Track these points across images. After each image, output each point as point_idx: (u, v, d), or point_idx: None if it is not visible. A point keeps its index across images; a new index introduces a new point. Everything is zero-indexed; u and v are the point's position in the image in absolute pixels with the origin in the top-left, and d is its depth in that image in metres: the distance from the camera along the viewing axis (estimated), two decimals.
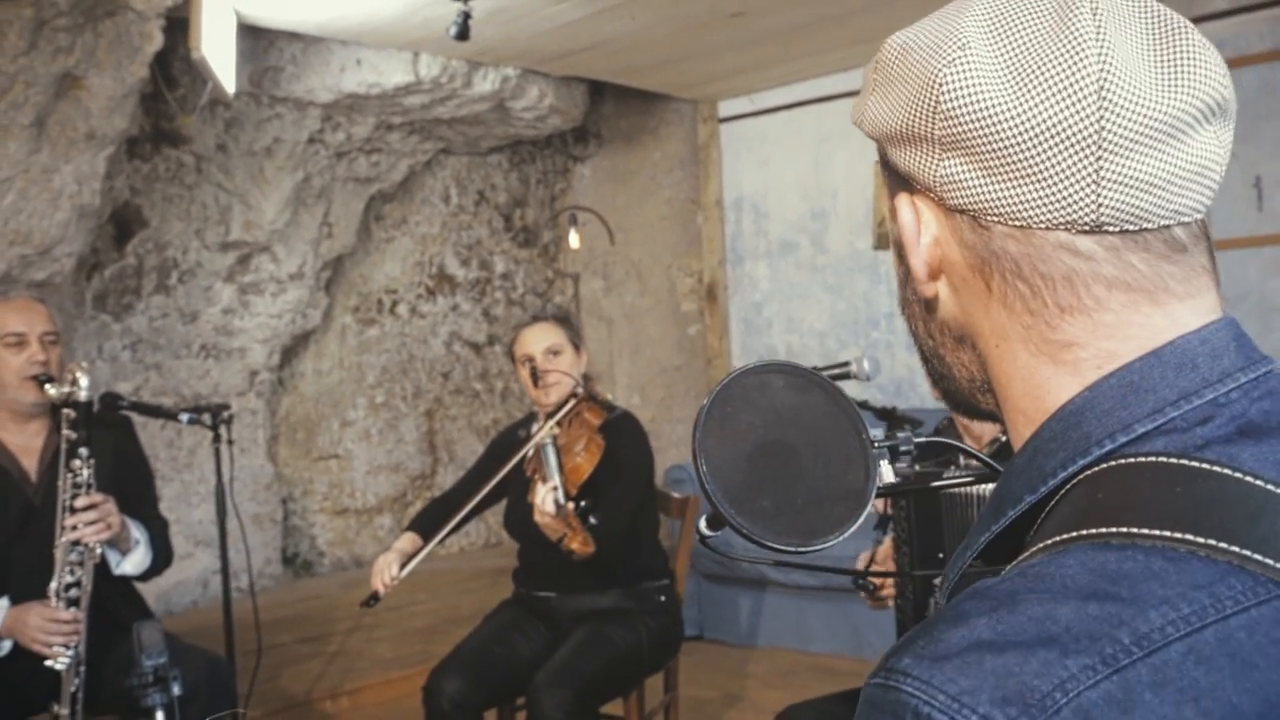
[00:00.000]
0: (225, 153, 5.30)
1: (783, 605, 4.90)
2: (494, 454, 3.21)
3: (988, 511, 0.67)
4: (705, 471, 0.93)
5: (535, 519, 2.71)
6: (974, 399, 0.74)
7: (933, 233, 0.68)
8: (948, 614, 0.57)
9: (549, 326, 3.07)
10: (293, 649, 4.68)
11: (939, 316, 0.72)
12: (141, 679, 2.10)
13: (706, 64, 5.44)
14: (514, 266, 7.12)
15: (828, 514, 0.94)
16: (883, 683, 0.56)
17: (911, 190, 0.69)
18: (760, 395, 0.97)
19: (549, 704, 2.63)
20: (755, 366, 0.98)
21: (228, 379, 5.68)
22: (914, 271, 0.70)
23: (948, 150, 0.64)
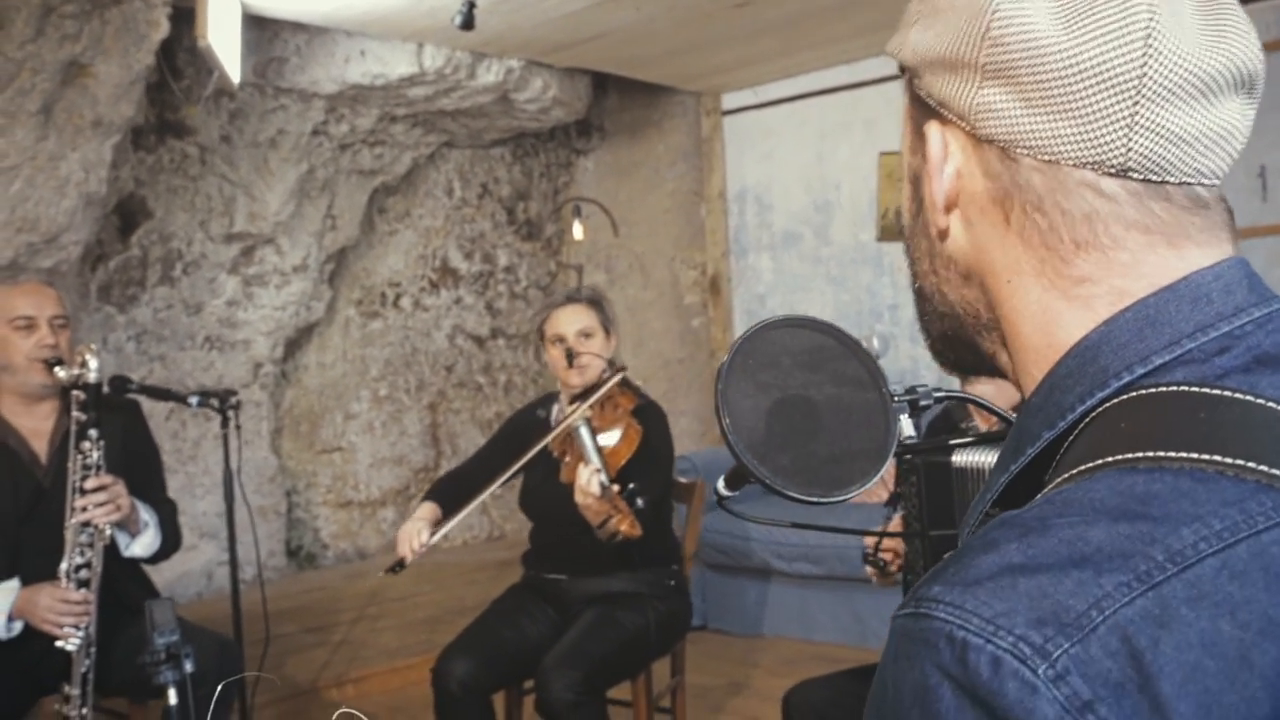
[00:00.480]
0: (229, 144, 5.31)
1: (787, 595, 4.91)
2: (511, 433, 3.19)
3: (1005, 453, 0.67)
4: (728, 424, 0.93)
5: (577, 500, 2.62)
6: (976, 339, 0.74)
7: (956, 163, 0.69)
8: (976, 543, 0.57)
9: (582, 308, 3.04)
10: (298, 638, 4.69)
11: (947, 250, 0.72)
12: (154, 656, 2.10)
13: (710, 56, 5.45)
14: (517, 260, 7.12)
15: (850, 466, 0.95)
16: (913, 612, 0.55)
17: (942, 120, 0.69)
18: (782, 349, 0.98)
19: (558, 685, 2.64)
20: (776, 320, 0.98)
21: (232, 371, 5.69)
22: (932, 199, 0.71)
23: (989, 78, 0.65)
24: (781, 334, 0.97)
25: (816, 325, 0.98)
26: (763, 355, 0.96)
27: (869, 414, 0.96)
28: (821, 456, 0.95)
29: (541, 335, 3.10)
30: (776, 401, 0.96)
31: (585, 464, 2.63)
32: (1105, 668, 0.50)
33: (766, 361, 0.96)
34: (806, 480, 0.93)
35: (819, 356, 0.98)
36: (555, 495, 2.96)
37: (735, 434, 0.93)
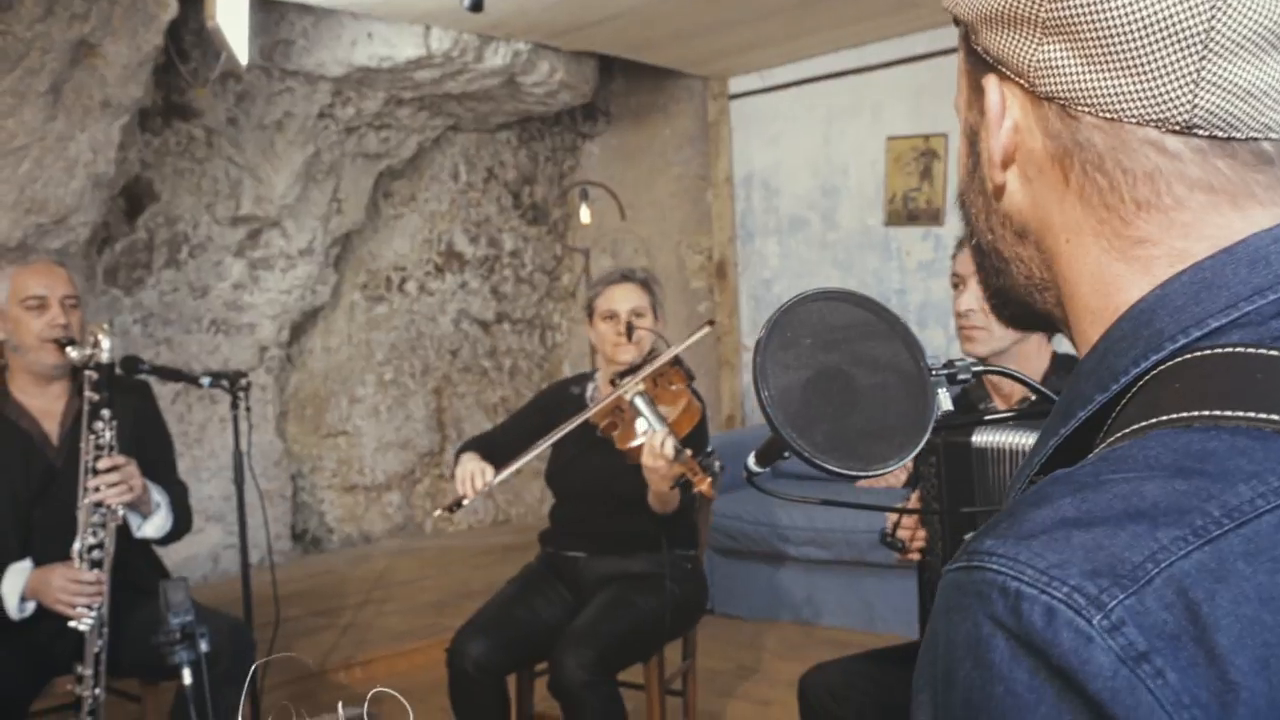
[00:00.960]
0: (236, 126, 5.29)
1: (795, 579, 4.91)
2: (544, 407, 3.15)
3: (1054, 417, 0.67)
4: (767, 397, 0.92)
5: (645, 462, 2.60)
6: (1030, 298, 0.73)
7: (1014, 119, 0.68)
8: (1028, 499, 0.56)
9: (636, 288, 3.04)
10: (305, 621, 4.69)
11: (1003, 208, 0.71)
12: (169, 636, 2.10)
13: (717, 40, 5.42)
14: (523, 244, 7.11)
15: (889, 440, 0.94)
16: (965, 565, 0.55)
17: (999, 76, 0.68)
18: (819, 322, 0.97)
19: (572, 663, 2.64)
20: (813, 293, 0.97)
21: (238, 354, 5.68)
22: (989, 155, 0.70)
23: (1050, 34, 0.63)
24: (819, 307, 0.96)
25: (854, 298, 0.97)
26: (800, 328, 0.95)
27: (907, 387, 0.96)
28: (860, 430, 0.94)
29: (591, 311, 3.09)
30: (814, 375, 0.95)
31: (654, 429, 2.62)
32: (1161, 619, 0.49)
33: (804, 334, 0.95)
34: (846, 454, 0.92)
35: (857, 329, 0.97)
36: (592, 471, 2.97)
37: (774, 407, 0.92)
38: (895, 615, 4.65)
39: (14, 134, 3.79)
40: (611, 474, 2.89)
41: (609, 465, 2.87)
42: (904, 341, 0.97)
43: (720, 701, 3.96)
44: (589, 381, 3.19)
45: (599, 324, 3.04)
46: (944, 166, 5.49)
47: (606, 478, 2.93)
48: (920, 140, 5.56)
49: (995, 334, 2.13)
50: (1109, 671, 0.49)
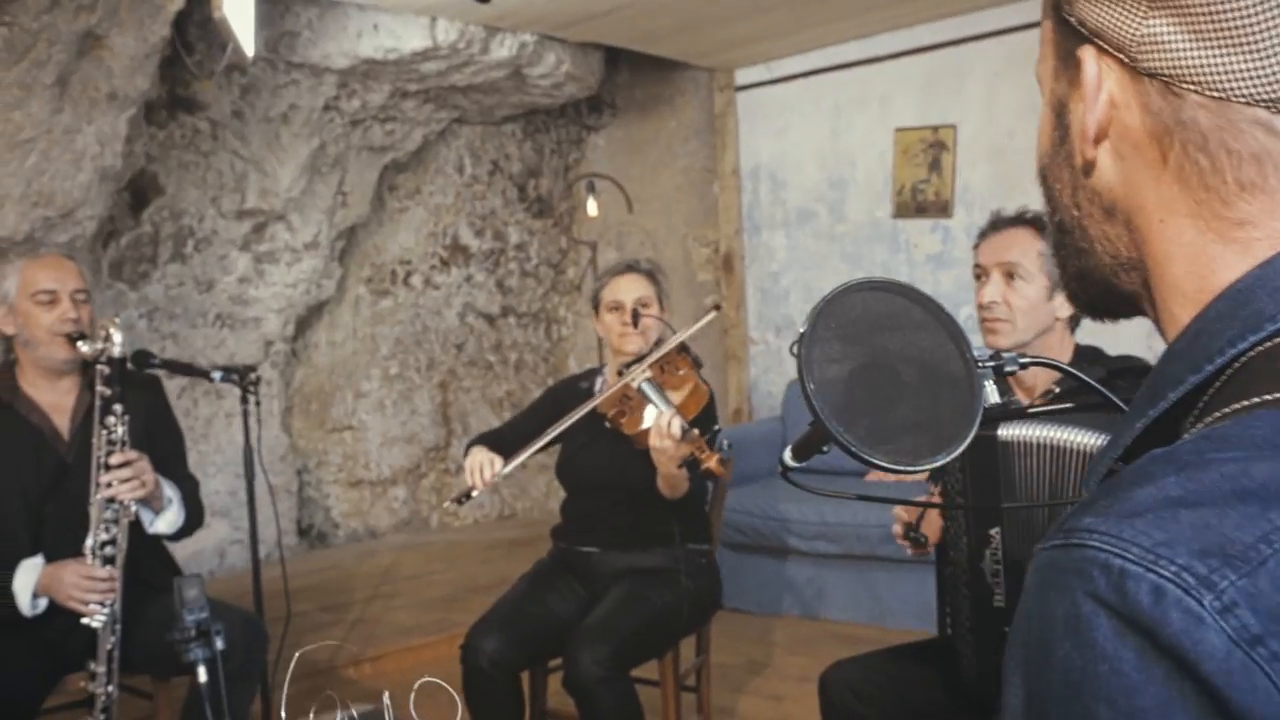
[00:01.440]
0: (241, 119, 5.26)
1: (804, 573, 4.90)
2: (554, 401, 3.14)
3: (1141, 399, 0.65)
4: (812, 389, 0.90)
5: (652, 443, 2.59)
6: (1114, 278, 0.71)
7: (1111, 93, 0.65)
8: (1127, 477, 0.55)
9: (641, 278, 3.04)
10: (314, 617, 4.68)
11: (1092, 184, 0.69)
12: (184, 633, 2.08)
13: (723, 31, 5.40)
14: (528, 237, 7.08)
15: (936, 433, 0.92)
16: (1062, 543, 0.53)
17: (1096, 47, 0.66)
18: (863, 313, 0.95)
19: (587, 659, 2.62)
20: (857, 283, 0.95)
21: (243, 349, 5.66)
22: (1082, 130, 0.67)
23: (1156, 8, 0.61)
24: (863, 297, 0.94)
25: (898, 288, 0.95)
26: (844, 319, 0.93)
27: (953, 379, 0.93)
28: (907, 424, 0.92)
29: (597, 303, 3.08)
30: (859, 367, 0.93)
31: (660, 411, 2.61)
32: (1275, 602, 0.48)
33: (848, 326, 0.93)
34: (894, 448, 0.90)
35: (902, 321, 0.95)
36: (600, 463, 2.96)
37: (820, 399, 0.90)
38: (905, 609, 4.63)
39: (21, 126, 3.77)
40: (622, 466, 2.87)
41: (619, 457, 2.86)
42: (949, 333, 0.95)
43: (732, 697, 3.95)
44: (598, 376, 3.19)
45: (605, 315, 3.04)
46: (952, 158, 5.46)
47: (617, 470, 2.91)
48: (929, 131, 5.53)
49: (1018, 326, 2.10)
50: (1222, 653, 0.48)
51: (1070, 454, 1.74)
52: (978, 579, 1.88)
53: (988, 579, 1.86)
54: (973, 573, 1.88)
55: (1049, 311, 2.12)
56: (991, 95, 5.30)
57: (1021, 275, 2.11)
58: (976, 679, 1.93)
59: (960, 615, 1.94)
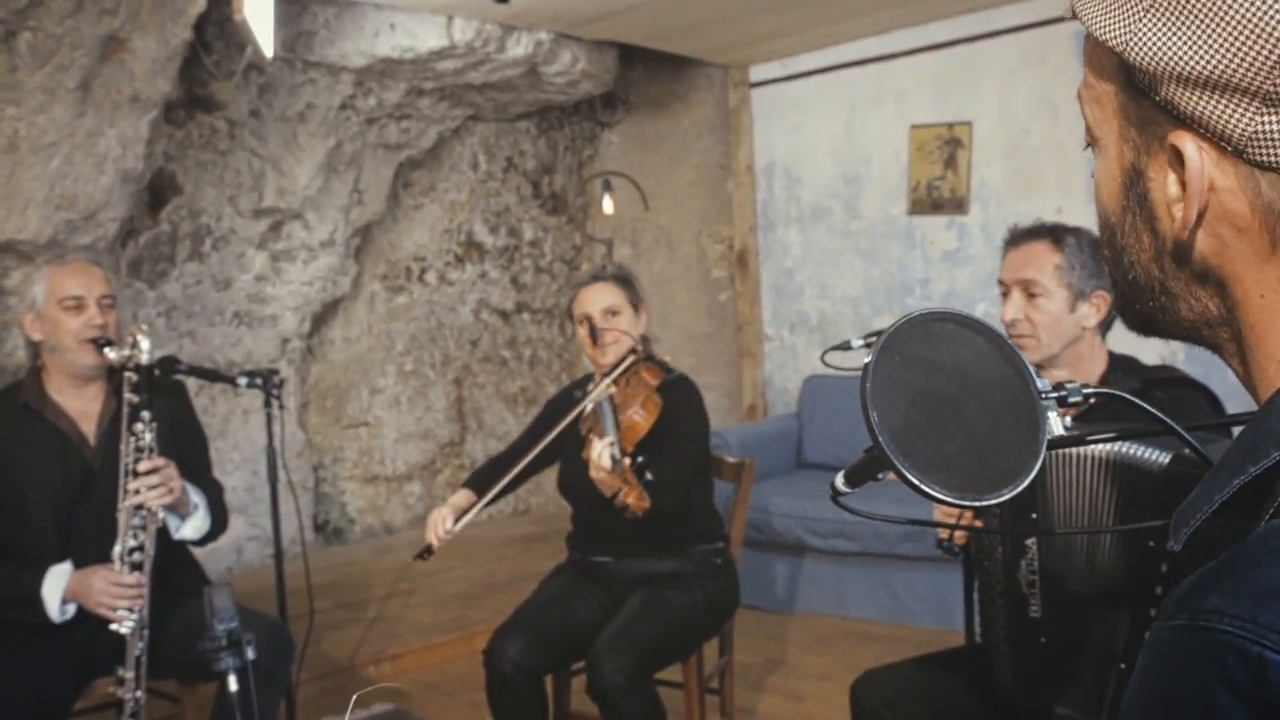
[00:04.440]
0: (259, 119, 5.26)
1: (820, 571, 4.90)
2: (550, 414, 3.17)
3: (1237, 453, 0.64)
4: (875, 419, 0.90)
5: (590, 474, 2.64)
6: (1196, 332, 0.71)
7: (1211, 178, 0.64)
8: (1256, 551, 0.53)
9: (607, 286, 3.02)
10: (332, 614, 4.69)
11: (1187, 256, 0.68)
12: (214, 642, 2.09)
13: (739, 27, 5.38)
14: (542, 233, 7.08)
15: (999, 465, 0.92)
16: (1188, 623, 0.52)
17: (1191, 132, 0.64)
18: (926, 343, 0.95)
19: (610, 669, 2.62)
20: (919, 315, 0.95)
21: (260, 346, 5.67)
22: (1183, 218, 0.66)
23: (1273, 106, 0.59)
24: (926, 328, 0.94)
25: (961, 319, 0.95)
26: (908, 349, 0.93)
27: (1017, 411, 0.93)
28: (969, 455, 0.91)
29: (571, 316, 3.09)
30: (922, 399, 0.92)
31: (598, 439, 2.64)
32: None
33: (911, 355, 0.93)
34: (956, 482, 0.90)
35: (964, 351, 0.94)
36: (584, 474, 2.96)
37: (883, 432, 0.90)
38: (922, 606, 4.64)
39: (44, 130, 3.78)
40: None
41: None
42: (1013, 364, 0.95)
43: (752, 696, 3.95)
44: (589, 383, 3.18)
45: (578, 328, 3.06)
46: (968, 155, 5.45)
47: None
48: (944, 129, 5.52)
49: (1043, 341, 2.10)
50: None
51: (1107, 464, 1.74)
52: (1013, 589, 1.88)
53: (1023, 589, 1.86)
54: (1008, 582, 1.88)
55: (1074, 323, 2.11)
56: (1007, 92, 5.28)
57: (1040, 292, 2.10)
58: (1011, 689, 1.93)
59: (995, 625, 1.94)
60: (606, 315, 2.97)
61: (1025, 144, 5.26)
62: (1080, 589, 1.80)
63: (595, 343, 2.94)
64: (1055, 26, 5.08)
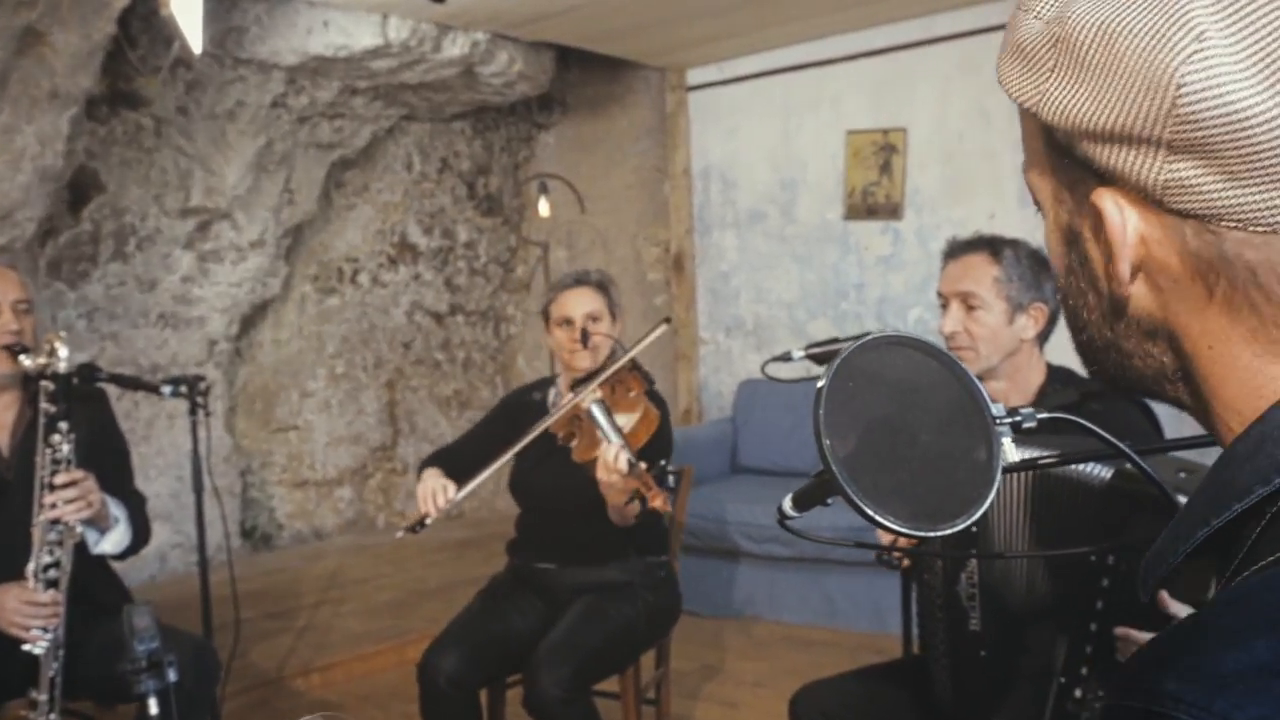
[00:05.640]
0: (186, 116, 5.13)
1: (755, 576, 4.89)
2: (507, 415, 3.09)
3: (1201, 502, 0.61)
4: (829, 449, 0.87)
5: (600, 477, 2.55)
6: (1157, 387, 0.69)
7: (1138, 231, 0.62)
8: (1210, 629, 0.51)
9: (591, 291, 2.97)
10: (260, 624, 4.58)
11: (1130, 312, 0.66)
12: (134, 664, 2.01)
13: (676, 31, 5.36)
14: (477, 235, 7.00)
15: (954, 494, 0.89)
16: (1144, 708, 0.50)
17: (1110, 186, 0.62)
18: (880, 368, 0.92)
19: (547, 681, 2.58)
20: (872, 339, 0.92)
21: (186, 349, 5.54)
22: (1115, 275, 0.64)
23: (1179, 154, 0.58)
24: (879, 353, 0.91)
25: (915, 344, 0.92)
26: (861, 376, 0.90)
27: (971, 437, 0.91)
28: (923, 484, 0.89)
29: (547, 318, 3.03)
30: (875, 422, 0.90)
31: (608, 442, 2.56)
32: None
33: (865, 383, 0.90)
34: (910, 511, 0.87)
35: (918, 376, 0.92)
36: (551, 480, 2.90)
37: (837, 461, 0.87)
38: (857, 611, 4.65)
39: None
40: (575, 483, 2.80)
41: (572, 473, 2.80)
42: (967, 390, 0.92)
43: (688, 704, 3.93)
44: (550, 387, 3.13)
45: (555, 330, 2.99)
46: (903, 161, 5.48)
47: (570, 486, 2.84)
48: (880, 134, 5.54)
49: (981, 354, 2.10)
50: None
51: (1048, 479, 1.73)
52: (953, 602, 1.87)
53: (963, 602, 1.85)
54: (948, 596, 1.87)
55: (1012, 335, 2.12)
56: (943, 99, 5.32)
57: (978, 304, 2.10)
58: (951, 702, 1.91)
59: (934, 638, 1.93)
60: (588, 320, 2.92)
61: (960, 151, 5.29)
62: (1020, 603, 1.79)
63: (585, 345, 2.89)
64: (991, 35, 5.12)
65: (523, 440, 2.79)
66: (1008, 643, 1.81)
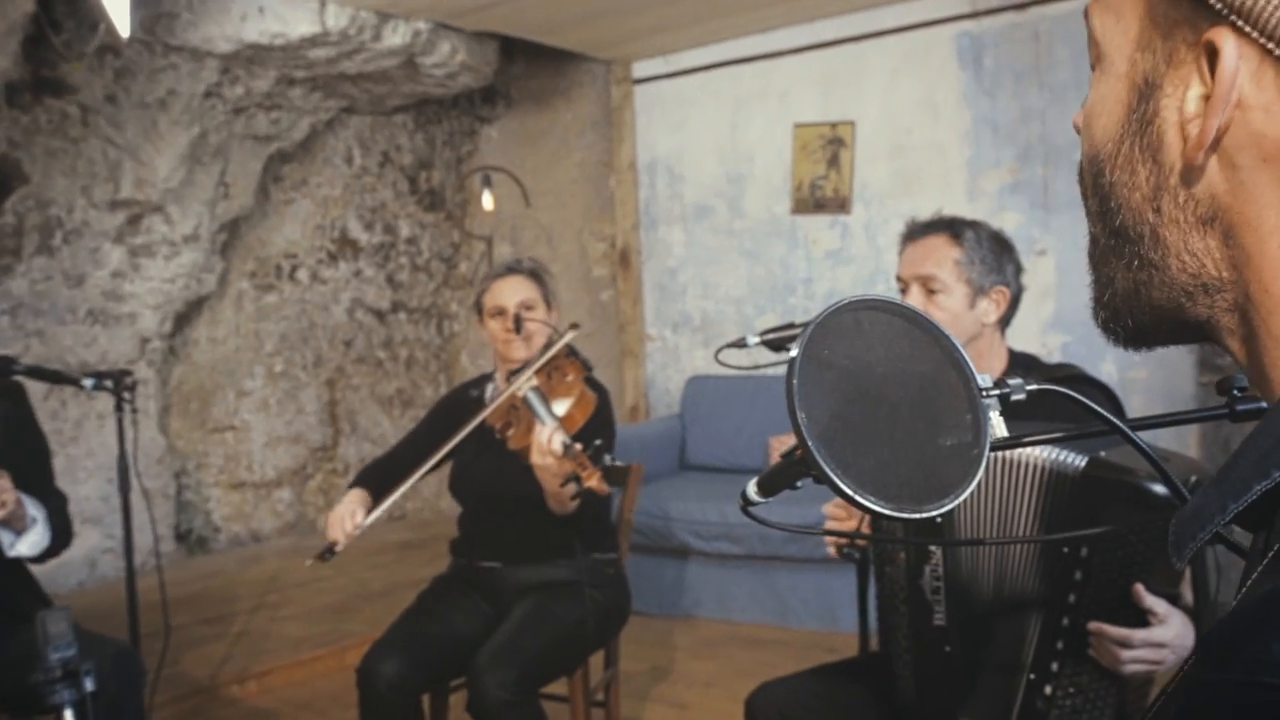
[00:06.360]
0: (115, 104, 4.95)
1: (706, 574, 4.81)
2: (444, 414, 3.01)
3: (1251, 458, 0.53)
4: (804, 423, 0.78)
5: (534, 460, 2.47)
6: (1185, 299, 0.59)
7: (1241, 92, 0.53)
8: None
9: (523, 280, 2.89)
10: (194, 631, 4.43)
11: (1191, 190, 0.56)
12: (48, 674, 1.88)
13: (622, 23, 5.28)
14: (419, 230, 6.87)
15: (940, 472, 0.81)
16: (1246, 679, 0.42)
17: (1237, 30, 0.53)
18: (857, 334, 0.83)
19: (492, 684, 2.48)
20: (848, 302, 0.84)
21: (116, 347, 5.35)
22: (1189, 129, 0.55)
23: None
24: (858, 317, 0.82)
25: (896, 309, 0.84)
26: (837, 344, 0.81)
27: (956, 412, 0.82)
28: (907, 462, 0.80)
29: (480, 309, 2.94)
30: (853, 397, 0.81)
31: (542, 425, 2.48)
32: None
33: (841, 351, 0.81)
34: (894, 492, 0.79)
35: (899, 345, 0.83)
36: (491, 475, 2.82)
37: (814, 438, 0.78)
38: (807, 609, 4.59)
39: None
40: (516, 478, 2.71)
41: (512, 469, 2.71)
42: (951, 360, 0.84)
43: (637, 706, 3.84)
44: (488, 383, 3.04)
45: (489, 321, 2.91)
46: (851, 155, 5.44)
47: (511, 482, 2.75)
48: (827, 128, 5.50)
49: None
50: None
51: (1020, 465, 1.67)
52: (916, 596, 1.79)
53: (927, 596, 1.78)
54: (911, 589, 1.80)
55: (974, 319, 2.05)
56: (890, 92, 5.28)
57: (939, 288, 2.03)
58: (915, 700, 1.84)
59: (897, 634, 1.85)
60: (521, 309, 2.84)
61: (907, 144, 5.26)
62: (988, 596, 1.72)
63: (519, 333, 2.80)
64: (938, 27, 5.09)
65: (458, 435, 2.72)
66: (974, 637, 1.74)
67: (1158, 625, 1.54)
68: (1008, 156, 4.97)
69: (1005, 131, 4.97)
